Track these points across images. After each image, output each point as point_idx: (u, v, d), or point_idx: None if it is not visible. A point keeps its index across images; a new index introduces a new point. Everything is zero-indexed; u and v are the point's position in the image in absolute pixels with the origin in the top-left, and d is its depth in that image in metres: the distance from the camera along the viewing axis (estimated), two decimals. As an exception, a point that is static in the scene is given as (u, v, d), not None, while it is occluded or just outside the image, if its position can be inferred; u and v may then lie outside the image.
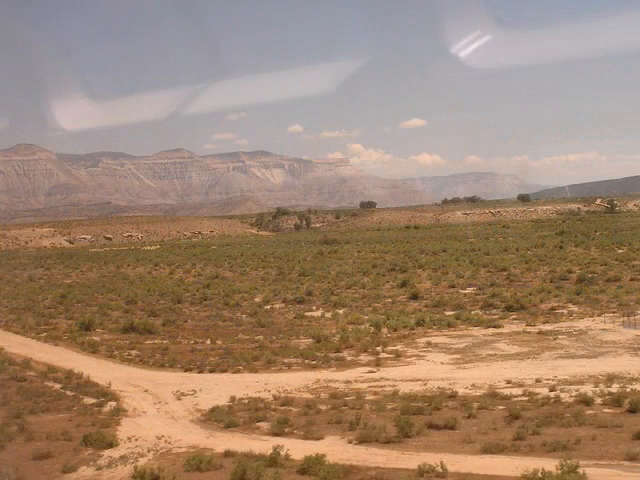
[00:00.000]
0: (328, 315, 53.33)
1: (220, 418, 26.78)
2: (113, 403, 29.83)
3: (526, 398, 27.52)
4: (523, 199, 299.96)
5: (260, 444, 22.96)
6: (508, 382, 30.40)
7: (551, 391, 28.21)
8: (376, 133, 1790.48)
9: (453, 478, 19.54)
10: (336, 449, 22.52)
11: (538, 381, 30.19)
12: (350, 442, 23.30)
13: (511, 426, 23.77)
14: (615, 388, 28.11)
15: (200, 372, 35.89)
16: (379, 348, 39.75)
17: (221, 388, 32.10)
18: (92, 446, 23.69)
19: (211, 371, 35.95)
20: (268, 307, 59.65)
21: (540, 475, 18.36)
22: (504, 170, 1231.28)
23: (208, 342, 43.92)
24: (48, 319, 55.90)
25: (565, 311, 49.86)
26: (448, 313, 51.38)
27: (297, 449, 22.00)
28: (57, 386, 33.18)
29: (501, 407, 26.33)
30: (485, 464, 20.43)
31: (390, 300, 59.71)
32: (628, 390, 27.66)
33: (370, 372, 34.34)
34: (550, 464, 19.02)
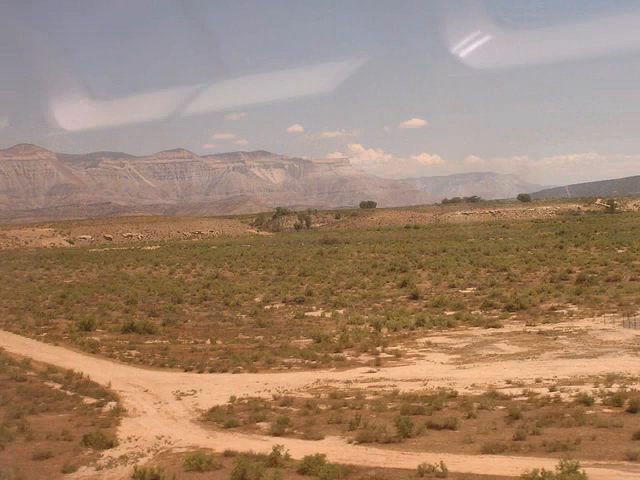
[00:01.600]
0: (328, 315, 53.34)
1: (220, 418, 26.78)
2: (113, 403, 29.83)
3: (526, 398, 27.53)
4: (523, 199, 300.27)
5: (260, 444, 22.96)
6: (508, 382, 30.41)
7: (551, 391, 28.22)
8: (376, 133, 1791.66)
9: (453, 478, 19.54)
10: (336, 449, 22.52)
11: (538, 381, 30.19)
12: (350, 442, 23.30)
13: (511, 426, 23.78)
14: (615, 388, 28.12)
15: (200, 372, 35.89)
16: (379, 348, 39.74)
17: (221, 388, 32.09)
18: (92, 446, 23.69)
19: (211, 371, 35.95)
20: (268, 307, 59.66)
21: (540, 475, 18.34)
22: (504, 170, 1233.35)
23: (208, 342, 43.92)
24: (48, 319, 55.91)
25: (565, 311, 49.86)
26: (448, 313, 51.37)
27: (297, 449, 22.00)
28: (57, 386, 33.18)
29: (501, 407, 26.34)
30: (485, 464, 20.42)
31: (390, 300, 59.70)
32: (628, 390, 27.68)
33: (370, 372, 34.33)
34: (550, 464, 19.02)
